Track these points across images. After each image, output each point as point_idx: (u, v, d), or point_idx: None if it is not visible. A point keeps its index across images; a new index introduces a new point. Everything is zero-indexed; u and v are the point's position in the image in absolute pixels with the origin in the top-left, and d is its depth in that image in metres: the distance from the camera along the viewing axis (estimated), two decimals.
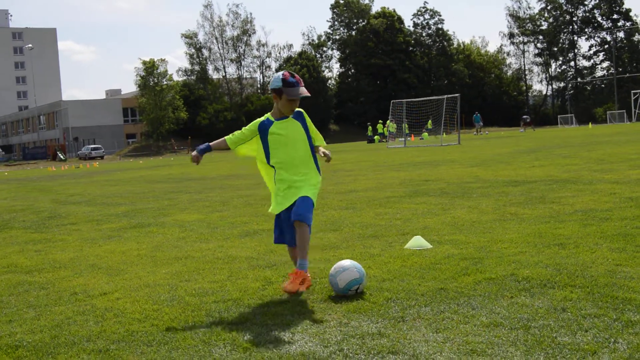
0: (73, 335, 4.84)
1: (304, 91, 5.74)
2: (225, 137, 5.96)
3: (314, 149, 5.91)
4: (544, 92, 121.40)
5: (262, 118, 5.90)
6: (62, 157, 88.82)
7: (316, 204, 5.83)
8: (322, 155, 5.93)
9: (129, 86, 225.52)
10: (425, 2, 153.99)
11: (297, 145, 5.81)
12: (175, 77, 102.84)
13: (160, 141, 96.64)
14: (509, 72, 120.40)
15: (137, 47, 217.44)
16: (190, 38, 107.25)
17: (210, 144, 5.93)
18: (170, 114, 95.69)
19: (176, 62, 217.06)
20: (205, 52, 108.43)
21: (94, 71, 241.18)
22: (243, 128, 5.93)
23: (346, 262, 5.50)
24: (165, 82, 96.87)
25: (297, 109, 5.83)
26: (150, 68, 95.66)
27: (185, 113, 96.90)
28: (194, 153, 5.88)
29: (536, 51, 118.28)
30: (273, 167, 5.85)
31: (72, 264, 7.74)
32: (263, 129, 5.82)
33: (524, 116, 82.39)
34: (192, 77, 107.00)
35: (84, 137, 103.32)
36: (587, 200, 9.96)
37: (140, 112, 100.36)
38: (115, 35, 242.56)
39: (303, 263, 5.61)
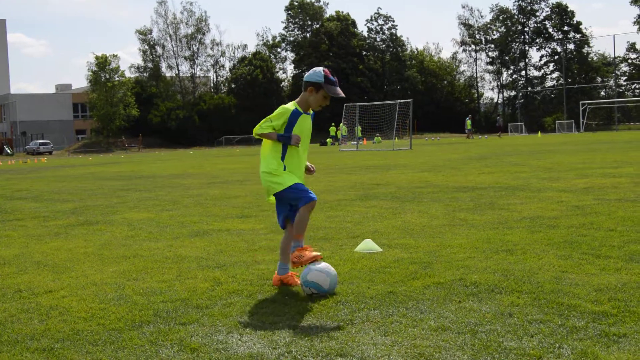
0: (16, 333, 4.74)
1: (340, 91, 5.75)
2: (269, 130, 5.71)
3: None
4: (495, 100, 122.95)
5: (290, 107, 5.78)
6: (8, 151, 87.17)
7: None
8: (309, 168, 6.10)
9: (79, 81, 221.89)
10: (379, 7, 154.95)
11: (307, 141, 5.90)
12: (128, 74, 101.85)
13: (111, 138, 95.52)
14: (461, 80, 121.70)
15: (89, 42, 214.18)
16: (144, 34, 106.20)
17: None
18: (122, 110, 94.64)
19: (128, 59, 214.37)
20: (159, 49, 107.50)
21: (45, 65, 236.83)
22: (271, 120, 5.72)
23: (332, 270, 5.49)
24: (117, 78, 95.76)
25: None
26: (102, 63, 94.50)
27: (136, 110, 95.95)
28: (297, 137, 5.70)
29: (488, 59, 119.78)
30: (284, 151, 5.78)
31: (16, 261, 7.59)
32: (293, 118, 5.74)
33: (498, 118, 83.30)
34: (145, 74, 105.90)
35: (32, 132, 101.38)
36: (535, 207, 10.11)
37: (90, 108, 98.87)
38: (67, 29, 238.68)
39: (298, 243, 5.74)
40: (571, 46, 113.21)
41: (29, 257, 7.79)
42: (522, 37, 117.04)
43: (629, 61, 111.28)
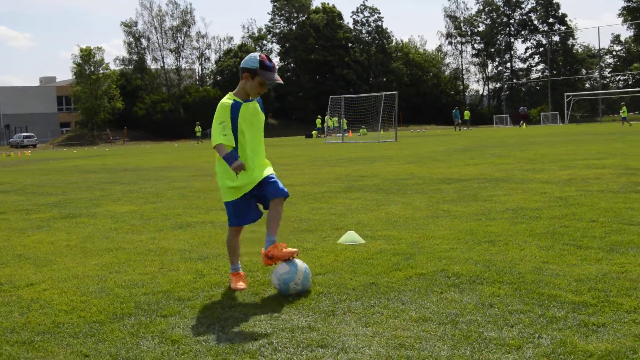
0: None
1: (278, 78, 5.47)
2: (222, 142, 5.39)
3: None
4: (481, 92, 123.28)
5: (229, 101, 5.46)
6: None
7: None
8: None
9: (64, 74, 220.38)
10: None
11: (259, 127, 5.61)
12: (112, 66, 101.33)
13: (95, 131, 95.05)
14: (447, 72, 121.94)
15: (74, 35, 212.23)
16: (129, 27, 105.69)
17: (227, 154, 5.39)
18: (106, 103, 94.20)
19: (113, 51, 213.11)
20: (144, 42, 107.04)
21: (29, 58, 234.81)
22: (218, 123, 5.41)
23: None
24: (101, 71, 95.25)
25: None
26: (86, 56, 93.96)
27: (121, 103, 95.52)
28: (239, 163, 5.31)
29: (473, 52, 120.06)
30: (236, 147, 5.49)
31: None
32: (234, 111, 5.44)
33: (521, 107, 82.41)
34: (130, 67, 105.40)
35: (16, 125, 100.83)
36: (518, 199, 10.15)
37: (75, 101, 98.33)
38: (52, 22, 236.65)
39: (273, 238, 5.44)
40: (556, 38, 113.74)
41: (11, 250, 7.76)
42: (508, 29, 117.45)
43: (613, 53, 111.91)
